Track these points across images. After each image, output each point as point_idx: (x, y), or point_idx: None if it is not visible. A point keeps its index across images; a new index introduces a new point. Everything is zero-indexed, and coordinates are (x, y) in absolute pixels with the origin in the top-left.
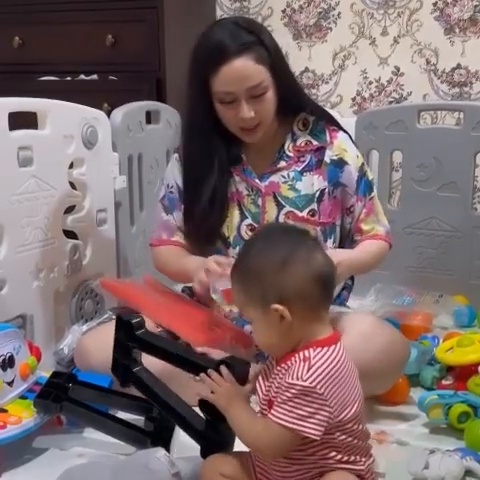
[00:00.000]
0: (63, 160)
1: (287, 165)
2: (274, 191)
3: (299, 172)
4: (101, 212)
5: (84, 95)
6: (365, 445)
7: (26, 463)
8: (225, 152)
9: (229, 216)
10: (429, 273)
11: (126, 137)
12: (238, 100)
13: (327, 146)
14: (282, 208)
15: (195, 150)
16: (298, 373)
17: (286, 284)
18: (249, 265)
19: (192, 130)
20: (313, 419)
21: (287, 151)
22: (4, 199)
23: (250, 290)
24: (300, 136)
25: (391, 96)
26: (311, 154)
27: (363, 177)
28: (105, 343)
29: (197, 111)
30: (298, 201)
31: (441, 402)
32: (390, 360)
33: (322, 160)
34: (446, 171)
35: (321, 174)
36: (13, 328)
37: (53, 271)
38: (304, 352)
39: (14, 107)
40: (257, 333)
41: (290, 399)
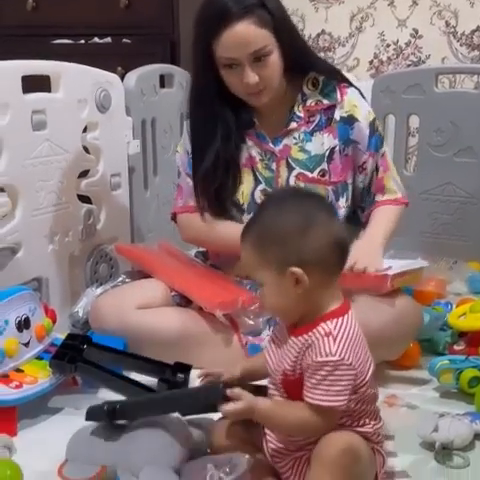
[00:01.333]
0: (77, 124)
1: (298, 126)
2: (287, 154)
3: (309, 133)
4: (115, 177)
5: (98, 58)
6: (373, 408)
7: (41, 422)
8: (232, 118)
9: (243, 182)
10: (444, 239)
11: (140, 101)
12: (242, 65)
13: (337, 104)
14: (292, 170)
15: (200, 116)
16: (325, 349)
17: (307, 248)
18: (269, 227)
19: (197, 96)
20: (346, 390)
21: (297, 112)
22: (18, 163)
23: (268, 252)
24: (310, 96)
25: (409, 59)
26: (321, 113)
27: (375, 133)
28: (119, 306)
29: (202, 77)
30: (308, 162)
31: (452, 367)
32: (403, 327)
33: (332, 118)
34: (463, 136)
35: (331, 132)
36: (28, 290)
37: (68, 235)
38: (323, 327)
39: (27, 70)
40: (267, 297)
41: (325, 377)
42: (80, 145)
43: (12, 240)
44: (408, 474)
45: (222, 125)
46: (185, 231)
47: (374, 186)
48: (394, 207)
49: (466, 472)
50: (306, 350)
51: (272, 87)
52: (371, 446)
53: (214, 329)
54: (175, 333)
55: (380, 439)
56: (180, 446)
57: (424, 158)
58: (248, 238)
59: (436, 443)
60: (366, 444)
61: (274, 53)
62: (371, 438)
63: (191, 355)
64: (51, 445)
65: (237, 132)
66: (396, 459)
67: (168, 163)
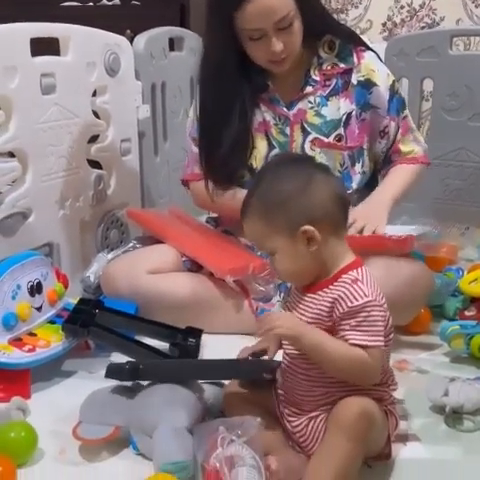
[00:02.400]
0: (86, 88)
1: (314, 90)
2: (302, 118)
3: (325, 97)
4: (125, 142)
5: (106, 21)
6: (389, 368)
7: (55, 385)
8: (249, 91)
9: (256, 147)
10: (456, 205)
11: (149, 64)
12: (267, 34)
13: (354, 68)
14: (308, 135)
15: (217, 92)
16: (359, 293)
17: (312, 204)
18: (270, 194)
19: (214, 72)
20: (383, 331)
21: (313, 75)
22: (28, 127)
23: (275, 218)
24: (326, 59)
25: (423, 21)
26: (337, 77)
27: (395, 95)
28: (130, 271)
29: (219, 51)
30: (324, 127)
31: (463, 332)
32: (414, 292)
33: (349, 82)
34: (478, 100)
35: (348, 97)
36: (40, 256)
37: (78, 200)
38: (348, 276)
39: (35, 32)
40: (282, 263)
41: (365, 319)
42: (90, 109)
43: (23, 205)
44: (418, 437)
45: (239, 104)
46: (196, 199)
47: (392, 149)
48: (410, 166)
49: (476, 436)
50: (334, 302)
51: (295, 53)
52: (384, 408)
53: (225, 294)
54: (186, 298)
55: (393, 400)
56: (193, 407)
57: (437, 123)
58: (251, 210)
59: (446, 407)
60: (379, 407)
61: (296, 20)
62: (385, 398)
63: (202, 320)
64: (65, 407)
65: (251, 97)
66: (406, 423)
67: (178, 128)
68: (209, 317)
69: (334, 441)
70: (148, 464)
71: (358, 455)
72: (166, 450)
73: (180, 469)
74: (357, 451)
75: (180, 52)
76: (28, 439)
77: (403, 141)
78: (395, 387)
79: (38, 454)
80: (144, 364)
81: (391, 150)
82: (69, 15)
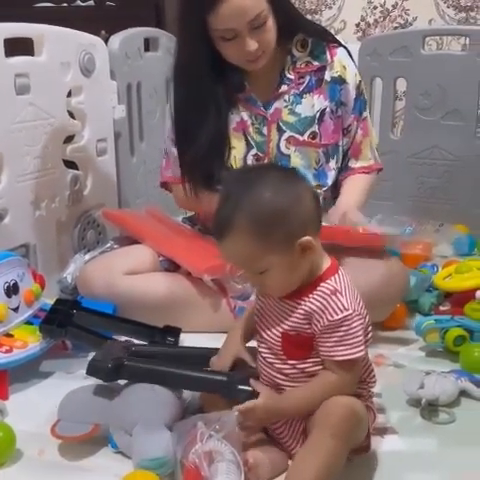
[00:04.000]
0: (61, 88)
1: (288, 88)
2: (278, 118)
3: (298, 95)
4: (101, 142)
5: (81, 22)
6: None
7: (33, 386)
8: (223, 91)
9: (235, 147)
10: (431, 203)
11: (124, 64)
12: (240, 34)
13: (328, 65)
14: (283, 134)
15: (191, 92)
16: (339, 306)
17: (305, 213)
18: (261, 210)
19: (187, 73)
20: (363, 339)
21: (288, 74)
22: (2, 128)
23: (270, 235)
24: (300, 58)
25: (396, 21)
26: (311, 75)
27: (360, 96)
28: (107, 272)
29: (192, 51)
30: (298, 125)
31: (438, 326)
32: (390, 288)
33: (322, 79)
34: (450, 99)
35: (321, 93)
36: (16, 256)
37: (54, 201)
38: (326, 286)
39: (9, 33)
40: (274, 278)
41: (346, 332)
42: (65, 110)
43: None
44: (395, 430)
45: (214, 104)
46: (178, 200)
47: (351, 150)
48: (366, 176)
49: (451, 428)
50: (313, 313)
51: (269, 51)
52: (364, 404)
53: (202, 293)
54: (163, 298)
55: (371, 395)
56: (172, 405)
57: (411, 121)
58: (237, 230)
59: (422, 400)
60: (362, 404)
61: (269, 17)
62: (363, 395)
63: (180, 319)
64: (43, 408)
65: (227, 97)
66: (383, 416)
67: (154, 128)
68: (187, 316)
69: (320, 439)
70: (127, 462)
71: (343, 453)
72: (145, 447)
73: (159, 465)
74: (342, 449)
75: (155, 52)
76: (6, 440)
77: (364, 143)
78: (374, 384)
79: (17, 455)
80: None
81: (350, 150)
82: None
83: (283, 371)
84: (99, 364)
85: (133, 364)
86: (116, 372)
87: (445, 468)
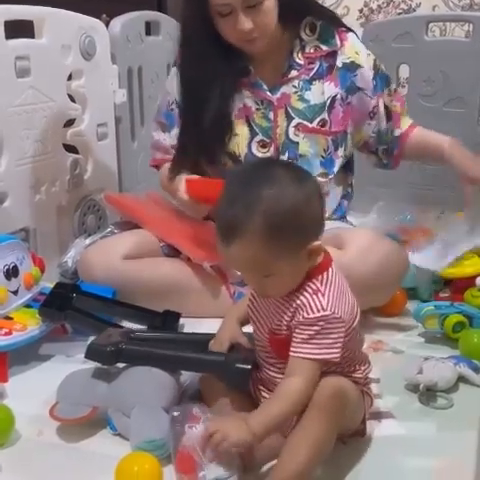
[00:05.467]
0: (61, 71)
1: (298, 74)
2: (286, 103)
3: (308, 81)
4: (101, 126)
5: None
6: (362, 354)
7: (32, 368)
8: (228, 69)
9: (238, 134)
10: (432, 190)
11: (125, 48)
12: (235, 11)
13: (338, 50)
14: (291, 120)
15: (195, 69)
16: (317, 305)
17: (315, 218)
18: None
19: (191, 47)
20: (338, 343)
21: (297, 59)
22: (2, 111)
23: (284, 240)
24: (308, 42)
25: (399, 7)
26: (321, 60)
27: (378, 73)
28: (107, 257)
29: (195, 27)
30: (308, 112)
31: (437, 312)
32: (389, 273)
33: (334, 65)
34: (453, 85)
35: (332, 80)
36: (16, 239)
37: (54, 185)
38: (310, 285)
39: (10, 15)
40: (278, 283)
41: (318, 332)
42: (65, 93)
43: None
44: (393, 415)
45: (218, 86)
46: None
47: (393, 122)
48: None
49: (449, 412)
50: (295, 310)
51: (267, 34)
52: (360, 389)
53: (202, 279)
54: (163, 283)
55: (368, 381)
56: (170, 388)
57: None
58: (249, 236)
59: (420, 385)
60: (355, 387)
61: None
62: (360, 381)
63: (179, 305)
64: (42, 391)
65: (232, 82)
66: (381, 400)
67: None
68: (187, 301)
69: (308, 420)
70: (126, 444)
71: (332, 432)
72: (142, 429)
73: (156, 447)
74: (331, 428)
75: (157, 36)
76: (5, 421)
77: (403, 113)
78: (369, 370)
79: (15, 436)
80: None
81: (393, 123)
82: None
83: (277, 366)
84: (98, 348)
85: (132, 347)
86: (115, 355)
87: (442, 453)
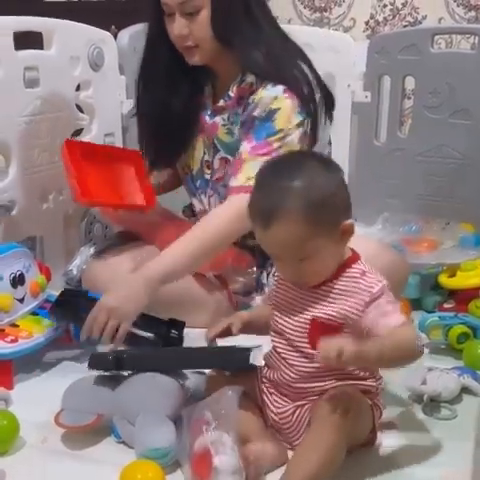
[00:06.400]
0: (69, 82)
1: (225, 105)
2: (213, 133)
3: (239, 115)
4: (108, 136)
5: (91, 17)
6: None
7: (37, 376)
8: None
9: (195, 148)
10: (438, 201)
11: (133, 60)
12: (173, 14)
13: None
14: (217, 152)
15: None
16: (372, 282)
17: (346, 199)
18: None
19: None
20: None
21: (230, 91)
22: (11, 120)
23: (320, 219)
24: (248, 77)
25: (405, 20)
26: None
27: (269, 121)
28: (111, 268)
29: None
30: (232, 146)
31: (441, 323)
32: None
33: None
34: (458, 97)
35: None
36: (23, 248)
37: (62, 194)
38: (353, 271)
39: (19, 26)
40: (316, 265)
41: (389, 302)
42: (73, 103)
43: (6, 198)
44: (397, 425)
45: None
46: None
47: (232, 166)
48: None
49: (453, 423)
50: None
51: (204, 47)
52: (371, 401)
53: (205, 289)
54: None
55: (379, 392)
56: (175, 395)
57: (419, 120)
58: (287, 213)
59: (424, 395)
60: (366, 400)
61: (204, 11)
62: (372, 391)
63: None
64: (47, 398)
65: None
66: (385, 411)
67: None
68: (189, 312)
69: (321, 431)
70: (130, 452)
71: (342, 443)
72: (147, 437)
73: (161, 455)
74: (342, 442)
75: None
76: (10, 428)
77: (247, 164)
78: (381, 380)
79: (20, 443)
80: (128, 353)
81: (232, 168)
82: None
83: (296, 367)
84: (100, 355)
85: (133, 352)
86: (117, 363)
87: (445, 463)
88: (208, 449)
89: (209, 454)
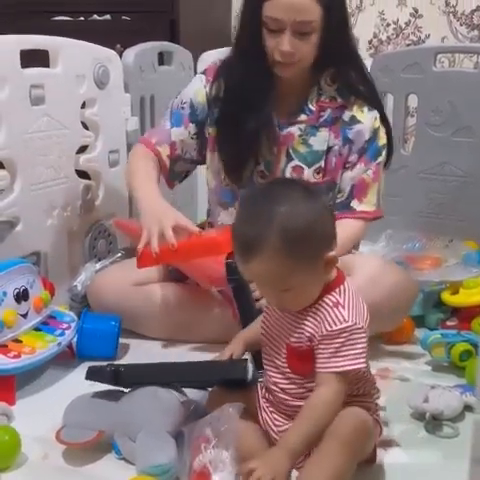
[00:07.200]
0: (75, 99)
1: (307, 119)
2: (289, 143)
3: (315, 127)
4: (113, 153)
5: (97, 35)
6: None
7: (39, 392)
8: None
9: None
10: (441, 219)
11: (138, 78)
12: (283, 30)
13: (348, 105)
14: (290, 161)
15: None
16: (338, 317)
17: (328, 230)
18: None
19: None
20: (363, 352)
21: (310, 105)
22: (17, 137)
23: (300, 252)
24: (326, 91)
25: (409, 39)
26: (331, 110)
27: (375, 140)
28: (116, 283)
29: (246, 35)
30: (308, 157)
31: (444, 341)
32: (398, 300)
33: (340, 117)
34: (461, 115)
35: (335, 131)
36: (27, 263)
37: (66, 210)
38: (330, 298)
39: (26, 45)
40: (298, 297)
41: (343, 344)
42: (79, 121)
43: (11, 214)
44: (399, 443)
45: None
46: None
47: (356, 190)
48: (360, 224)
49: (455, 442)
50: (315, 323)
51: (303, 64)
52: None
53: (210, 304)
54: (171, 309)
55: (378, 408)
56: (176, 412)
57: (422, 138)
58: (267, 247)
59: (426, 413)
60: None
61: (316, 32)
62: (372, 408)
63: (187, 330)
64: (49, 413)
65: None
66: (387, 429)
67: None
68: (194, 327)
69: (330, 449)
70: (131, 468)
71: (352, 465)
72: (148, 453)
73: (161, 472)
74: (351, 461)
75: (169, 66)
76: (11, 443)
77: (372, 187)
78: (378, 396)
79: (21, 459)
80: (126, 367)
81: (355, 190)
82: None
83: (287, 390)
84: (98, 368)
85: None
86: (115, 376)
87: None
88: (207, 467)
89: (208, 472)
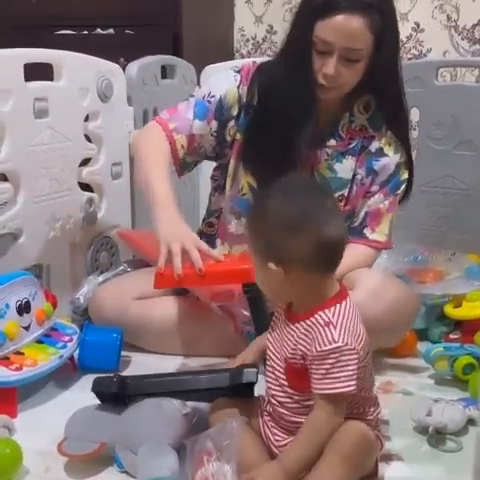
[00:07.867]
0: (78, 112)
1: (336, 145)
2: (313, 164)
3: (342, 154)
4: (116, 166)
5: (100, 49)
6: (371, 395)
7: (41, 404)
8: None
9: None
10: (443, 232)
11: (141, 91)
12: (331, 54)
13: (377, 136)
14: None
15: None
16: (328, 338)
17: (290, 249)
18: (262, 217)
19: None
20: (354, 375)
21: (340, 131)
22: (20, 150)
23: (256, 241)
24: (357, 119)
25: (410, 53)
26: (360, 139)
27: (398, 175)
28: (118, 297)
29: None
30: (332, 183)
31: (447, 354)
32: (400, 315)
33: (367, 148)
34: (463, 129)
35: (360, 161)
36: (29, 275)
37: (69, 222)
38: (322, 317)
39: (29, 58)
40: (257, 279)
41: (333, 365)
42: (82, 133)
43: (13, 226)
44: (402, 457)
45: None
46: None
47: (370, 218)
48: (372, 252)
49: (458, 456)
50: (307, 341)
51: (344, 89)
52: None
53: (211, 318)
54: (172, 323)
55: (378, 423)
56: (178, 424)
57: (424, 151)
58: (250, 221)
59: (429, 427)
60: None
61: (363, 61)
62: (371, 424)
63: (189, 344)
64: (51, 426)
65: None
66: (390, 443)
67: None
68: (196, 341)
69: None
70: None
71: (353, 478)
72: (150, 466)
73: None
74: (352, 474)
75: (172, 80)
76: (13, 456)
77: (386, 218)
78: (379, 411)
79: (23, 472)
80: (131, 378)
81: (369, 218)
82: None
83: (285, 404)
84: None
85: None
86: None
87: None
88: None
89: None
